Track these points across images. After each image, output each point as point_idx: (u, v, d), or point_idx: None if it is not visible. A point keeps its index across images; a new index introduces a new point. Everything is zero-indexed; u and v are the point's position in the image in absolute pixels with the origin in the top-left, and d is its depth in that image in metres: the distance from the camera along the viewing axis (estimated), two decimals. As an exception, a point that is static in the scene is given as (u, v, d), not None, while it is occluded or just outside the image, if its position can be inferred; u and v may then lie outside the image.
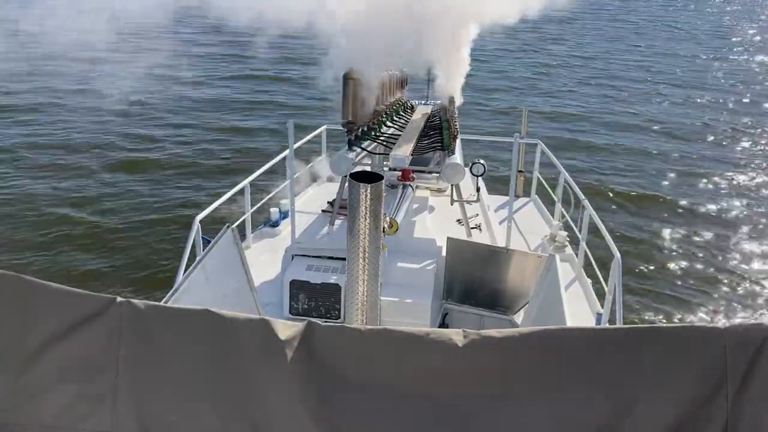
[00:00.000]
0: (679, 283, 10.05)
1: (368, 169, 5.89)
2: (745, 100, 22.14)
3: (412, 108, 7.66)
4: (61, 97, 19.00)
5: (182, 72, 22.43)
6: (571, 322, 4.15)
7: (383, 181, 2.95)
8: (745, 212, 12.87)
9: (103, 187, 12.58)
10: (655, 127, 18.50)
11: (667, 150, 16.53)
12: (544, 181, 8.62)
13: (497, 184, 10.43)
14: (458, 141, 6.33)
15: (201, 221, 5.45)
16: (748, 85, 24.35)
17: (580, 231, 6.85)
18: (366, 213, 2.88)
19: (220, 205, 6.09)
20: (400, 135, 6.36)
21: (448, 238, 5.58)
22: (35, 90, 19.59)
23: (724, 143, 17.39)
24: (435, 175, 6.65)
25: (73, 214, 11.33)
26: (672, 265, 10.55)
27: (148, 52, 24.04)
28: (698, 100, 21.90)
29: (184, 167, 13.91)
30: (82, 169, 13.48)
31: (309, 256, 5.58)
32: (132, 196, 12.20)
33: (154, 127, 16.64)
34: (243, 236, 6.74)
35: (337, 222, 6.10)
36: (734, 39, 35.20)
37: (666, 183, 14.24)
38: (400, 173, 6.37)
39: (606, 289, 5.54)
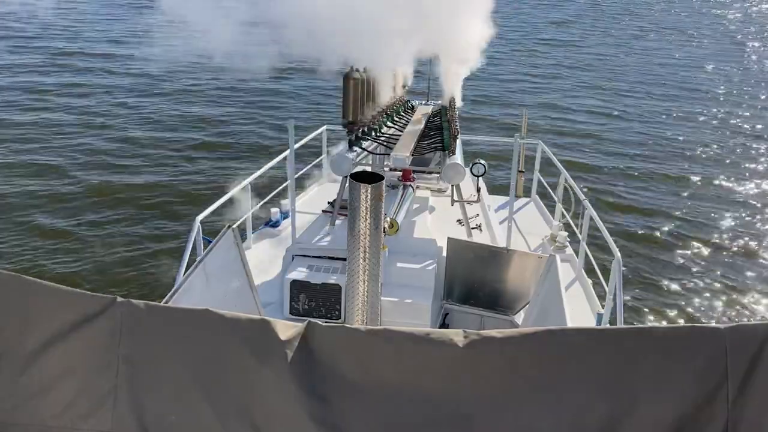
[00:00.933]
0: (680, 283, 10.05)
1: (369, 169, 5.89)
2: (752, 103, 22.11)
3: (413, 108, 7.65)
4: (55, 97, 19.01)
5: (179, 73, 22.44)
6: (571, 323, 4.15)
7: (383, 181, 2.95)
8: (746, 213, 12.87)
9: (103, 189, 12.58)
10: (657, 128, 18.50)
11: (669, 150, 16.53)
12: (544, 182, 8.62)
13: (498, 184, 10.43)
14: (459, 141, 6.33)
15: (201, 221, 5.45)
16: (757, 89, 24.30)
17: (580, 231, 6.84)
18: (366, 213, 2.88)
19: (220, 205, 6.09)
20: (400, 135, 6.36)
21: (448, 238, 5.58)
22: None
23: (726, 144, 17.38)
24: (435, 175, 6.65)
25: (72, 215, 11.33)
26: (672, 266, 10.54)
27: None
28: (701, 101, 21.89)
29: (184, 166, 13.92)
30: (79, 171, 13.47)
31: (309, 256, 5.58)
32: (132, 197, 12.21)
33: (153, 126, 16.65)
34: (243, 236, 6.74)
35: (338, 222, 6.10)
36: (742, 42, 35.16)
37: (667, 183, 14.23)
38: (400, 173, 6.37)
39: (606, 289, 5.54)
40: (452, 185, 6.07)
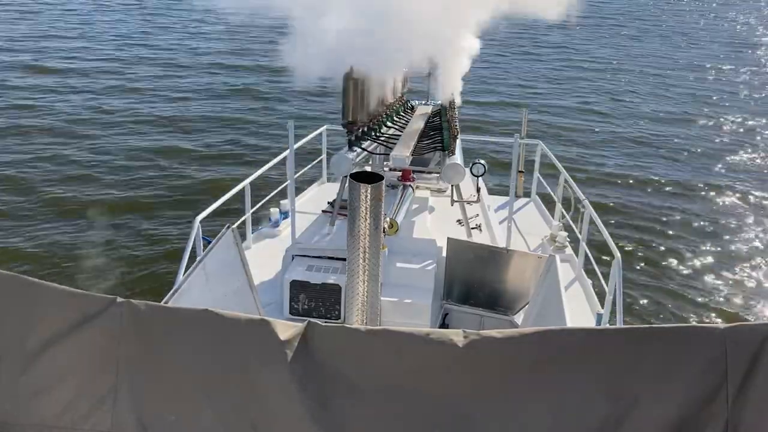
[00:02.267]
0: (680, 283, 10.04)
1: (368, 169, 5.89)
2: (754, 104, 22.08)
3: (413, 108, 7.65)
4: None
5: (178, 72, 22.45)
6: (571, 323, 4.16)
7: (383, 181, 2.95)
8: (746, 214, 12.87)
9: (103, 189, 12.58)
10: (658, 128, 18.50)
11: (669, 150, 16.53)
12: (544, 182, 8.62)
13: (497, 184, 10.43)
14: (458, 141, 6.33)
15: (201, 221, 5.45)
16: (761, 89, 24.26)
17: (580, 231, 6.85)
18: (366, 213, 2.88)
19: (220, 205, 6.09)
20: (400, 135, 6.36)
21: (448, 238, 5.58)
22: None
23: (728, 145, 17.38)
24: (435, 175, 6.66)
25: (71, 215, 11.33)
26: (672, 266, 10.54)
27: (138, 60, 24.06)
28: (703, 102, 21.87)
29: (184, 166, 13.92)
30: (80, 169, 13.48)
31: (309, 256, 5.58)
32: (132, 198, 12.21)
33: (152, 126, 16.65)
34: (243, 236, 6.74)
35: (338, 222, 6.10)
36: (744, 44, 35.06)
37: (667, 183, 14.23)
38: (400, 173, 6.37)
39: (606, 289, 5.54)
40: (452, 185, 6.07)
